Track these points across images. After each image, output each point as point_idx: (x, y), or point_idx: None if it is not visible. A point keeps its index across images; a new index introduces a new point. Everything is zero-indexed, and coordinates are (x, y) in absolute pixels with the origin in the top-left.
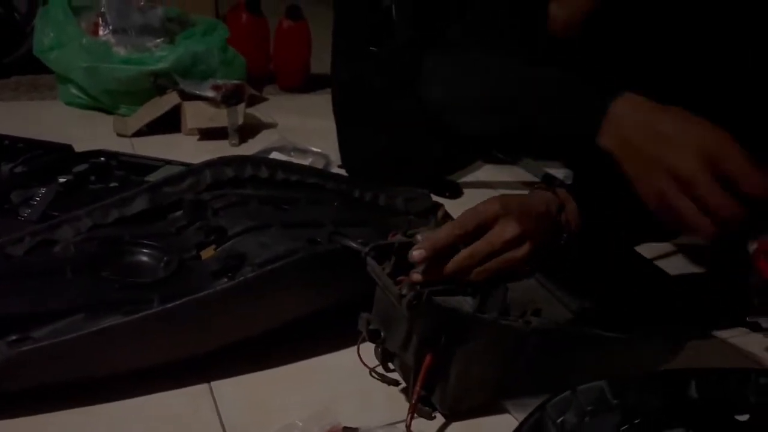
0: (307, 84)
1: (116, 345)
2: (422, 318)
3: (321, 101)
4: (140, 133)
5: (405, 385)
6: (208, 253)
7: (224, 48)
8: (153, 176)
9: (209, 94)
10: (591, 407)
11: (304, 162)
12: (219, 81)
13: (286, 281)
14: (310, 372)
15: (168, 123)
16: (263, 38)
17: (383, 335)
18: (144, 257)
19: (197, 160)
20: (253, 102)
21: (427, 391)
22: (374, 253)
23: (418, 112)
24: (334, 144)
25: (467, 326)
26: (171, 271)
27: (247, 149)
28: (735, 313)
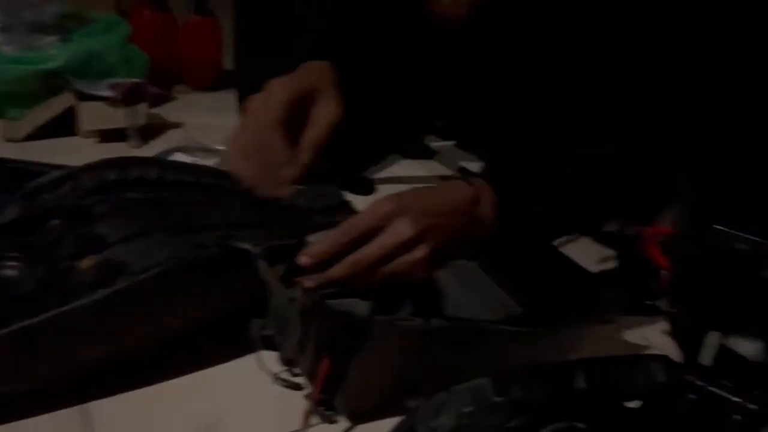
0: (219, 82)
1: None
2: (315, 322)
3: (233, 99)
4: (33, 137)
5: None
6: (88, 264)
7: (124, 46)
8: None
9: (107, 94)
10: (470, 408)
11: (209, 162)
12: (117, 80)
13: (166, 290)
14: (200, 385)
15: (64, 126)
16: (170, 35)
17: (279, 340)
18: (10, 271)
19: None
20: (159, 101)
21: (328, 395)
22: (266, 255)
23: None
24: None
25: (363, 329)
26: (40, 285)
27: (149, 151)
28: (635, 299)
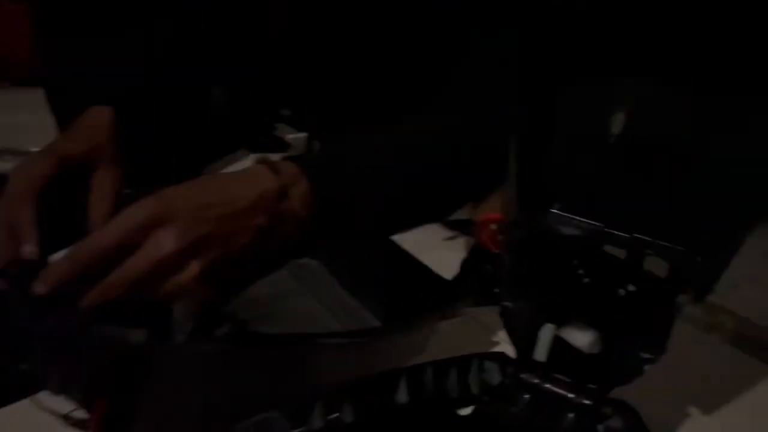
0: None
1: None
2: (81, 353)
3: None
4: None
5: None
6: None
7: None
8: None
9: None
10: None
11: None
12: None
13: None
14: None
15: None
16: None
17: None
18: None
19: None
20: None
21: None
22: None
23: None
24: None
25: (141, 357)
26: None
27: None
28: (484, 288)
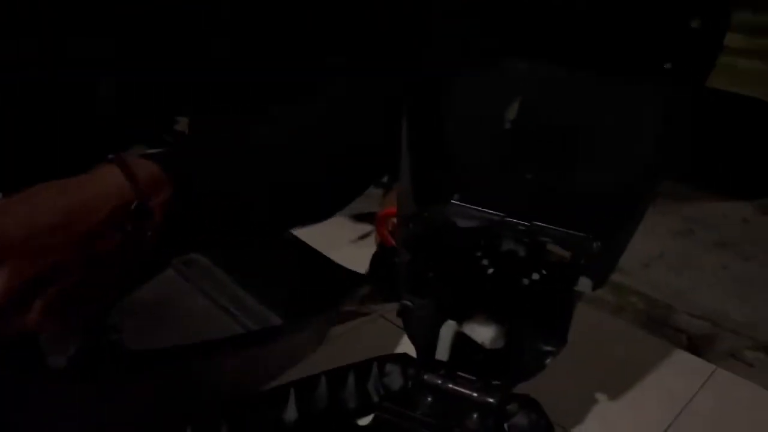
0: None
1: None
2: None
3: None
4: None
5: None
6: None
7: None
8: None
9: None
10: None
11: None
12: None
13: None
14: None
15: None
16: None
17: None
18: None
19: None
20: None
21: None
22: None
23: None
24: None
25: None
26: None
27: None
28: (391, 286)
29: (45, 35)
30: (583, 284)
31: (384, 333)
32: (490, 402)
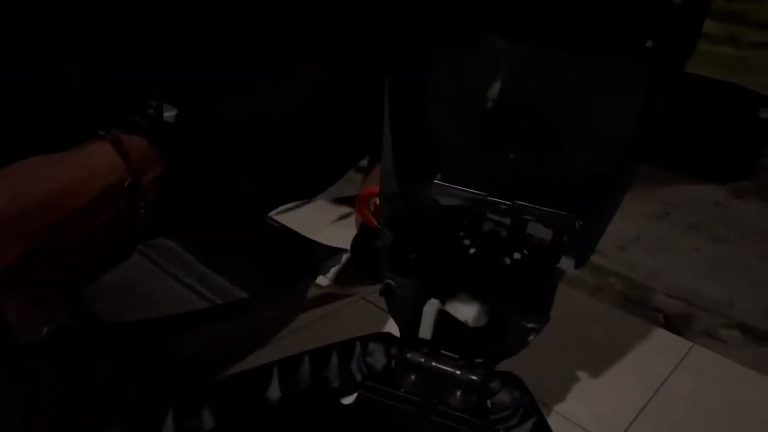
0: None
1: None
2: None
3: None
4: None
5: None
6: None
7: None
8: None
9: None
10: None
11: None
12: None
13: None
14: None
15: None
16: None
17: None
18: None
19: None
20: None
21: None
22: None
23: None
24: None
25: None
26: None
27: None
28: (373, 268)
29: (45, 34)
30: (566, 262)
31: (366, 315)
32: (473, 379)
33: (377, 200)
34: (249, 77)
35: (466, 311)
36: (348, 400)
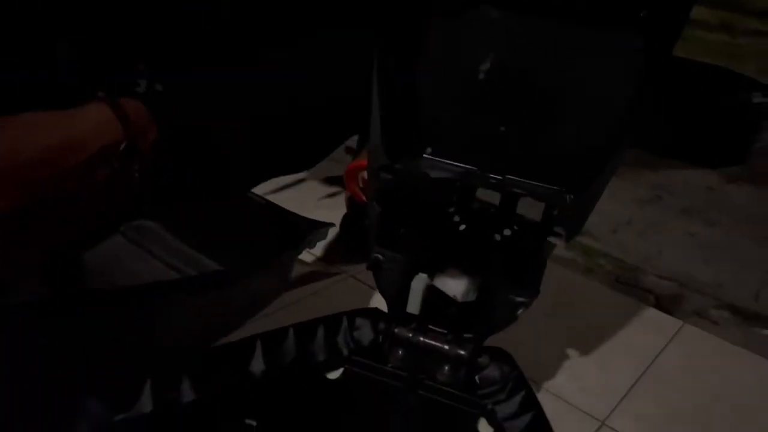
0: None
1: None
2: None
3: None
4: None
5: None
6: None
7: None
8: None
9: None
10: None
11: None
12: None
13: None
14: None
15: None
16: None
17: None
18: None
19: None
20: None
21: None
22: None
23: None
24: None
25: None
26: None
27: None
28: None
29: (45, 33)
30: (556, 236)
31: (356, 293)
32: (462, 354)
33: (366, 174)
34: (243, 53)
35: (455, 286)
36: (334, 375)
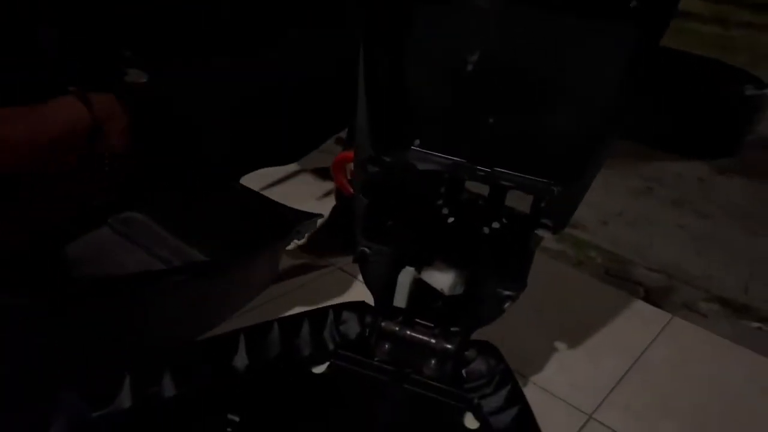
0: None
1: None
2: None
3: None
4: None
5: None
6: None
7: None
8: None
9: None
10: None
11: None
12: None
13: None
14: None
15: None
16: None
17: None
18: None
19: None
20: None
21: None
22: None
23: None
24: None
25: None
26: None
27: None
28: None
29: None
30: (544, 228)
31: (344, 285)
32: (448, 348)
33: (353, 165)
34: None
35: (443, 280)
36: (320, 369)
